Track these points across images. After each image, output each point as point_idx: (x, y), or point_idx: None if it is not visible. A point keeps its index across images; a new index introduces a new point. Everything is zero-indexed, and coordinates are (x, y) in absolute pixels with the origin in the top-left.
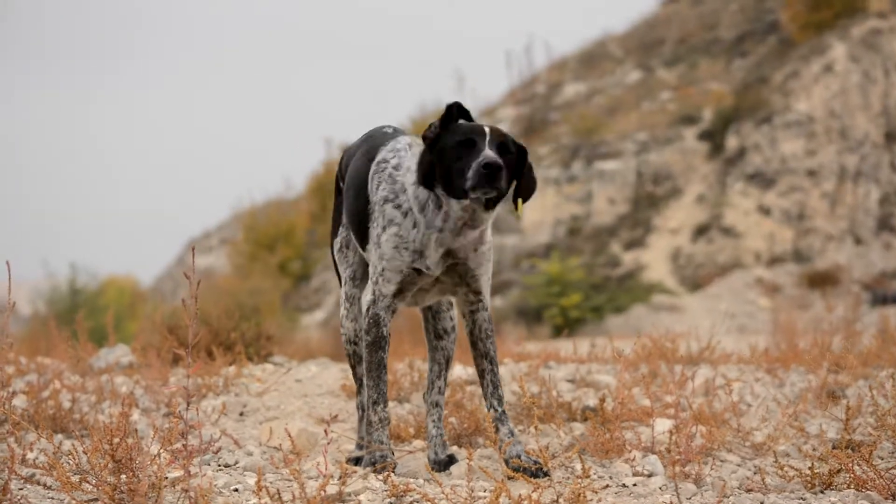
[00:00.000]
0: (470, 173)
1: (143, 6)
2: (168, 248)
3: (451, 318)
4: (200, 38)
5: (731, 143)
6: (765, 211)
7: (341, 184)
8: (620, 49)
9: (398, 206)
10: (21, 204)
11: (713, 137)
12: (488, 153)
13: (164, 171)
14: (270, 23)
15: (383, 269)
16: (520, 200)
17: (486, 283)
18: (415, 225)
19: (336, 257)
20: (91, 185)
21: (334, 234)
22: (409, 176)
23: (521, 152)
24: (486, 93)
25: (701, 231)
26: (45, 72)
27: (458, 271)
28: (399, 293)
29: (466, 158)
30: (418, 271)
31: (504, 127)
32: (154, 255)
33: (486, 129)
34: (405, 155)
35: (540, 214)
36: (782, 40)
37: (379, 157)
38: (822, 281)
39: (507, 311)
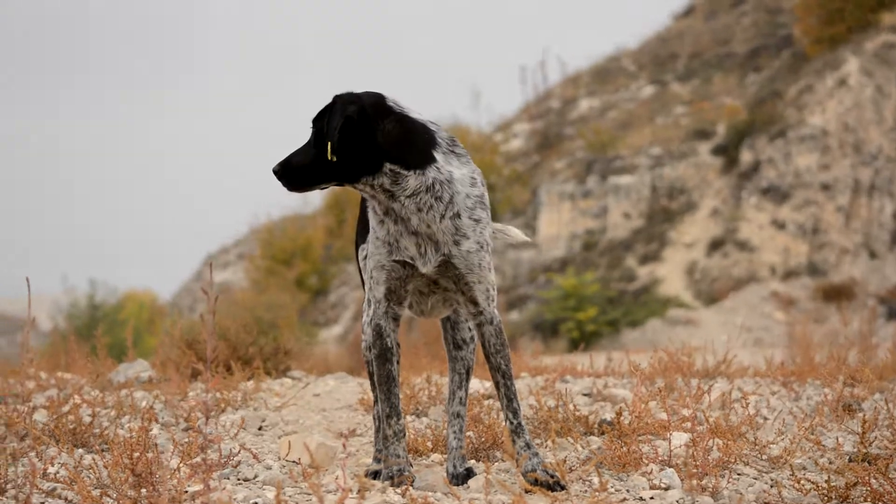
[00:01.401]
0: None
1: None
2: (186, 264)
3: (470, 329)
4: (215, 48)
5: (746, 157)
6: (779, 225)
7: None
8: (634, 64)
9: (369, 203)
10: (41, 219)
11: (727, 152)
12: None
13: (182, 186)
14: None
15: (371, 271)
16: (328, 144)
17: (482, 293)
18: (372, 215)
19: (360, 264)
20: (110, 200)
21: (360, 240)
22: None
23: (330, 107)
24: (501, 108)
25: (716, 245)
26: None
27: (450, 275)
28: (391, 293)
29: None
30: (403, 265)
31: (518, 142)
32: (172, 270)
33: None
34: None
35: (556, 229)
36: (796, 55)
37: None
38: (837, 294)
39: (523, 325)
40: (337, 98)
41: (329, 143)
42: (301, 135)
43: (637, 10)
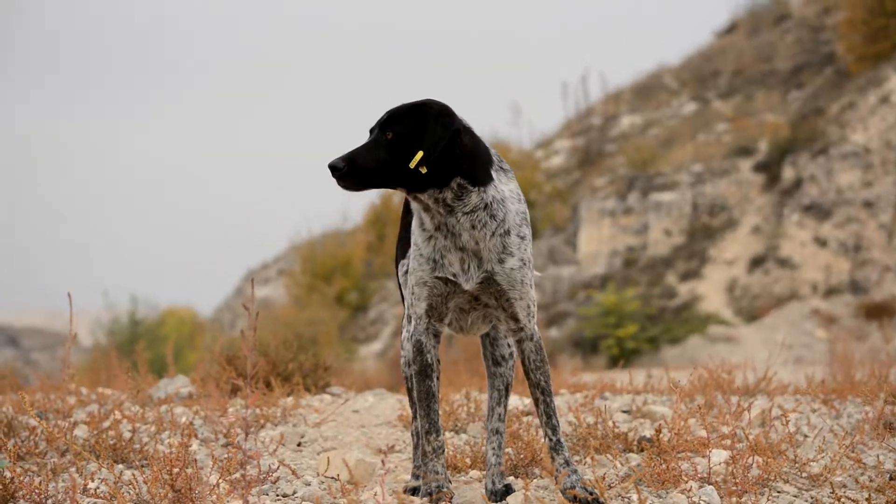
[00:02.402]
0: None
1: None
2: (227, 280)
3: (509, 346)
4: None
5: (787, 174)
6: (821, 242)
7: (411, 205)
8: (676, 81)
9: (414, 217)
10: (82, 236)
11: (769, 169)
12: (343, 154)
13: (223, 201)
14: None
15: (412, 287)
16: (419, 153)
17: (523, 309)
18: (418, 231)
19: (400, 280)
20: (151, 215)
21: (400, 256)
22: None
23: (420, 115)
24: (543, 125)
25: (757, 262)
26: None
27: (492, 291)
28: (432, 310)
29: None
30: (445, 282)
31: (559, 159)
32: (213, 286)
33: (385, 113)
34: None
35: (596, 245)
36: (838, 72)
37: None
38: (878, 312)
39: (562, 341)
40: (427, 107)
41: (421, 154)
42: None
43: (679, 27)
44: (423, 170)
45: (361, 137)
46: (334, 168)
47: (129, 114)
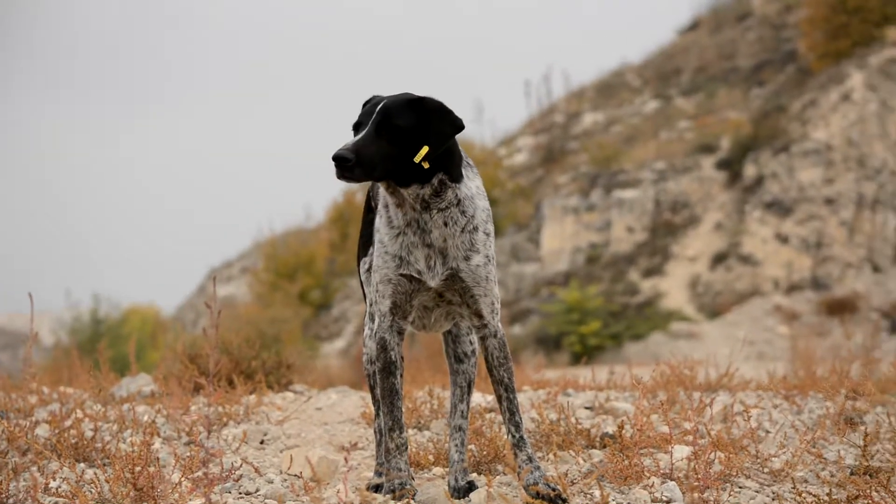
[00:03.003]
0: (334, 163)
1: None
2: (189, 278)
3: (471, 343)
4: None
5: (749, 171)
6: (783, 239)
7: (373, 202)
8: (638, 79)
9: (378, 213)
10: (44, 234)
11: (731, 166)
12: (346, 144)
13: (185, 200)
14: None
15: (377, 284)
16: (424, 148)
17: (487, 306)
18: (384, 227)
19: (362, 277)
20: (112, 214)
21: (362, 253)
22: None
23: (422, 110)
24: (505, 123)
25: (719, 259)
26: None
27: (456, 288)
28: (396, 308)
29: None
30: (410, 279)
31: (522, 156)
32: (175, 284)
33: (381, 106)
34: None
35: (559, 243)
36: (800, 69)
37: None
38: (840, 308)
39: (526, 338)
40: (427, 102)
41: (426, 149)
42: (315, 155)
43: (642, 25)
44: (426, 165)
45: (314, 134)
46: (344, 159)
47: (85, 110)
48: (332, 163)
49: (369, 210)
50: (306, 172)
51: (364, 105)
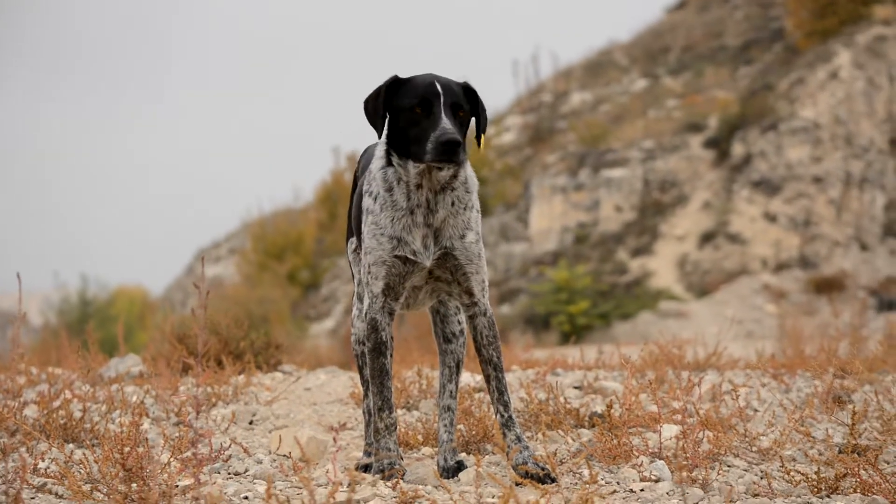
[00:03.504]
0: (429, 146)
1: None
2: (178, 259)
3: (459, 322)
4: (208, 45)
5: (737, 150)
6: (771, 217)
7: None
8: (626, 58)
9: (370, 194)
10: (32, 216)
11: (719, 145)
12: (446, 126)
13: (173, 181)
14: (281, 35)
15: (369, 266)
16: (483, 136)
17: (478, 283)
18: (382, 208)
19: (350, 258)
20: (100, 196)
21: (350, 234)
22: (376, 162)
23: (473, 95)
24: (494, 102)
25: (707, 238)
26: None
27: (448, 266)
28: (389, 289)
29: (424, 125)
30: (404, 261)
31: (511, 135)
32: (164, 265)
33: (439, 88)
34: (378, 149)
35: (547, 222)
36: (788, 48)
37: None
38: (828, 287)
39: (514, 318)
40: (471, 87)
41: (483, 138)
42: (304, 135)
43: (630, 4)
44: (483, 150)
45: (305, 115)
46: (459, 143)
47: (76, 94)
48: (443, 146)
49: (356, 190)
50: (295, 152)
51: (396, 84)
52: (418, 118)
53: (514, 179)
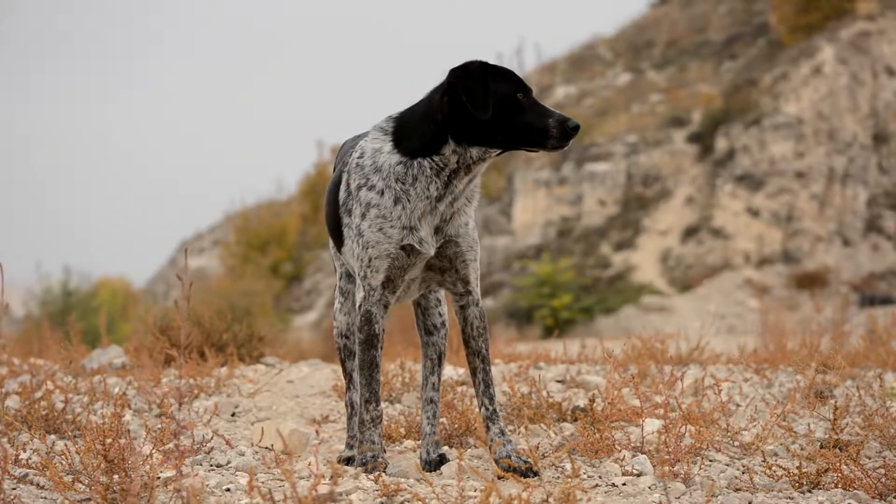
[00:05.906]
0: (554, 132)
1: (136, 4)
2: (160, 250)
3: (441, 315)
4: (192, 40)
5: (721, 145)
6: (754, 212)
7: (348, 177)
8: (610, 52)
9: (372, 188)
10: (15, 207)
11: (702, 139)
12: (560, 113)
13: (157, 173)
14: (264, 26)
15: (370, 259)
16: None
17: (474, 272)
18: (397, 200)
19: (333, 252)
20: (84, 187)
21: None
22: (382, 156)
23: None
24: None
25: (690, 232)
26: (33, 72)
27: (448, 254)
28: (388, 282)
29: (531, 111)
30: (409, 252)
31: None
32: (147, 256)
33: (518, 77)
34: (366, 143)
35: (531, 216)
36: (771, 43)
37: (348, 161)
38: (810, 282)
39: (497, 312)
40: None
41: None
42: (287, 128)
43: None
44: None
45: (288, 106)
46: (577, 129)
47: (58, 83)
48: (573, 131)
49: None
50: (279, 145)
51: (477, 72)
52: (522, 105)
53: (498, 173)
